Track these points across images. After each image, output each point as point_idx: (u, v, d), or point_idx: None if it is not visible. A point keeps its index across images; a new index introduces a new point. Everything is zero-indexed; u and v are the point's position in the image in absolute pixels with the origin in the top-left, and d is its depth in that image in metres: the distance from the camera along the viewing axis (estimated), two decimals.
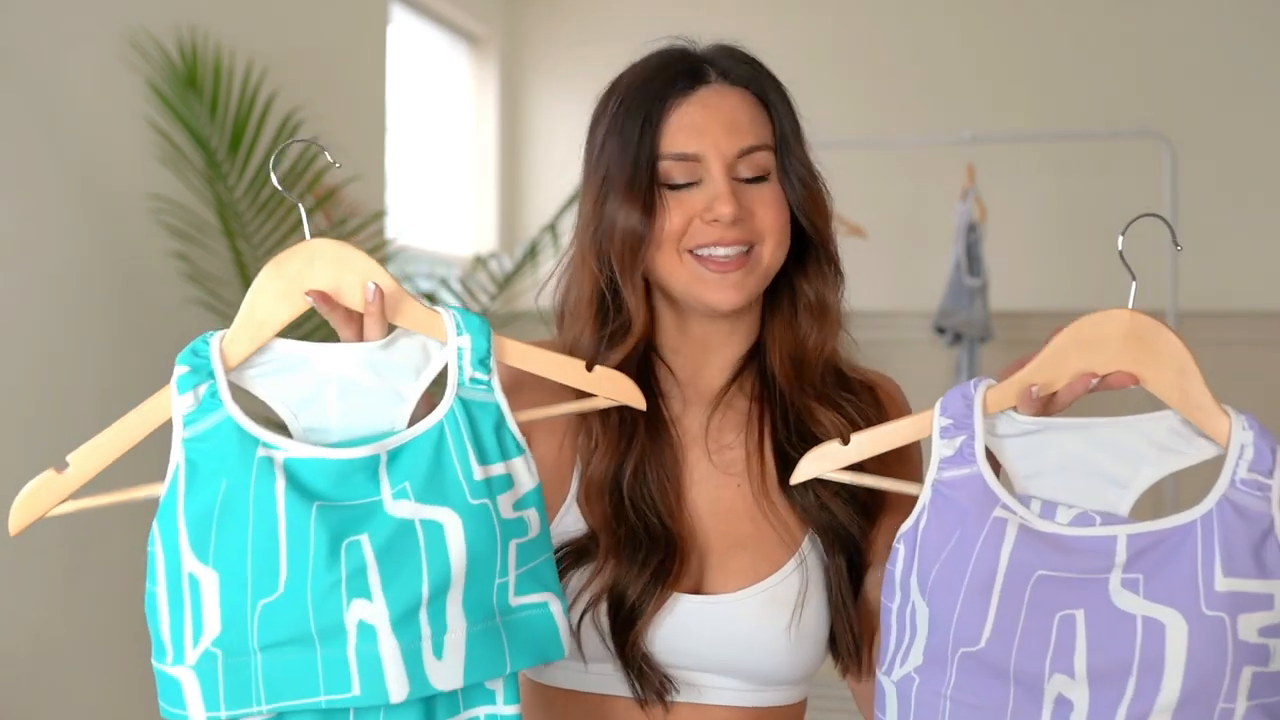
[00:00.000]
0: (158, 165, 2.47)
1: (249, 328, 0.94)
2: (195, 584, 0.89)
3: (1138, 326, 0.95)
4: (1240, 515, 0.89)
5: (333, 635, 0.88)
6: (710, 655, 1.07)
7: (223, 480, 0.89)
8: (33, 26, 2.21)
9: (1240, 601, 0.87)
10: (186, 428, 0.91)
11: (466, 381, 0.95)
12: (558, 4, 4.24)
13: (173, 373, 0.92)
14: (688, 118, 1.07)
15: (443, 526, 0.91)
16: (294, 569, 0.88)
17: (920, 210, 3.76)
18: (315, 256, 0.95)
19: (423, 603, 0.90)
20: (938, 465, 0.97)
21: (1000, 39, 3.81)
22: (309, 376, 0.94)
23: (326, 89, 2.98)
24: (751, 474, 1.12)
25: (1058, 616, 0.90)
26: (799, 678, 1.11)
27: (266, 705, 0.89)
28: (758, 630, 1.06)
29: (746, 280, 1.07)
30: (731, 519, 1.11)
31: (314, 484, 0.90)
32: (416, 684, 0.89)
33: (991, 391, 0.97)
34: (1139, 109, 3.49)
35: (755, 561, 1.09)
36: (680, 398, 1.14)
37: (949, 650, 0.93)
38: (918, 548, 0.96)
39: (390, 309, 0.95)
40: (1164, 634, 0.87)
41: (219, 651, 0.89)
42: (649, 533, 1.07)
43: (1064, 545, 0.92)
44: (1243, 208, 3.56)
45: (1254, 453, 0.91)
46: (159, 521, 0.90)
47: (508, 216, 4.25)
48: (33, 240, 2.21)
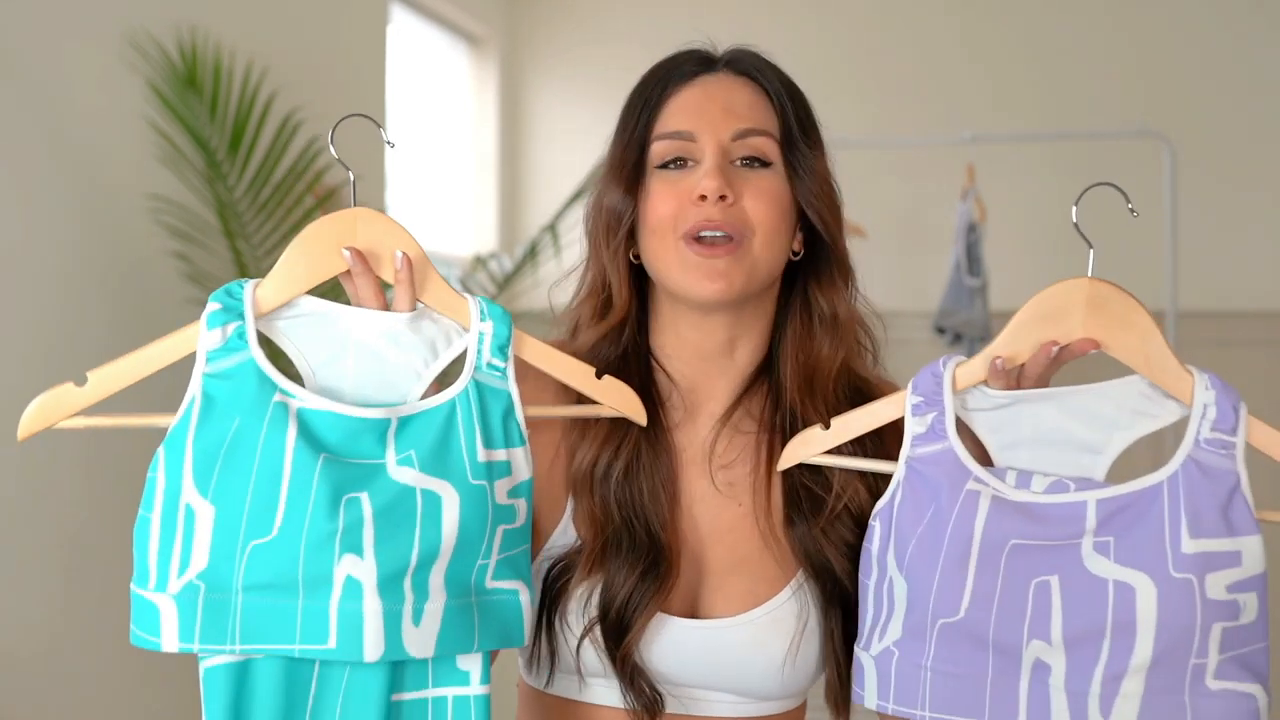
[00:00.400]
0: (157, 165, 2.46)
1: (285, 279, 0.96)
2: (191, 515, 0.89)
3: (1097, 293, 0.97)
4: (1205, 475, 0.91)
5: (318, 586, 0.89)
6: (707, 675, 1.06)
7: (235, 418, 0.90)
8: (33, 26, 2.21)
9: (1208, 561, 0.89)
10: (209, 363, 0.93)
11: (484, 366, 0.98)
12: (558, 4, 4.24)
13: (205, 308, 0.93)
14: (685, 99, 1.06)
15: (440, 499, 0.93)
16: (291, 515, 0.89)
17: (920, 210, 3.76)
18: (358, 220, 0.98)
19: (410, 569, 0.91)
20: (910, 442, 0.98)
21: (1000, 39, 3.81)
22: (333, 336, 0.96)
23: (326, 89, 2.98)
24: (757, 500, 1.09)
25: (1033, 583, 0.92)
26: (795, 693, 1.10)
27: (240, 645, 0.89)
28: (754, 655, 1.05)
29: (733, 270, 1.03)
30: (732, 540, 1.09)
31: (324, 437, 0.92)
32: (391, 647, 0.90)
33: (961, 368, 0.99)
34: (1139, 109, 3.49)
35: (754, 584, 1.07)
36: (681, 406, 1.12)
37: (928, 622, 0.95)
38: (894, 524, 0.97)
39: (419, 283, 0.97)
40: (1134, 597, 0.89)
41: (202, 585, 0.89)
42: (634, 539, 1.05)
43: (1037, 513, 0.93)
44: (1243, 208, 3.56)
45: (1216, 411, 0.92)
46: (165, 448, 0.91)
47: (508, 216, 4.25)
48: (32, 240, 2.21)
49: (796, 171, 1.06)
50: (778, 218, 1.05)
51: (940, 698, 0.95)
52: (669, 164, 1.05)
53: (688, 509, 1.10)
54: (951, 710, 0.94)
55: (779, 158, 1.06)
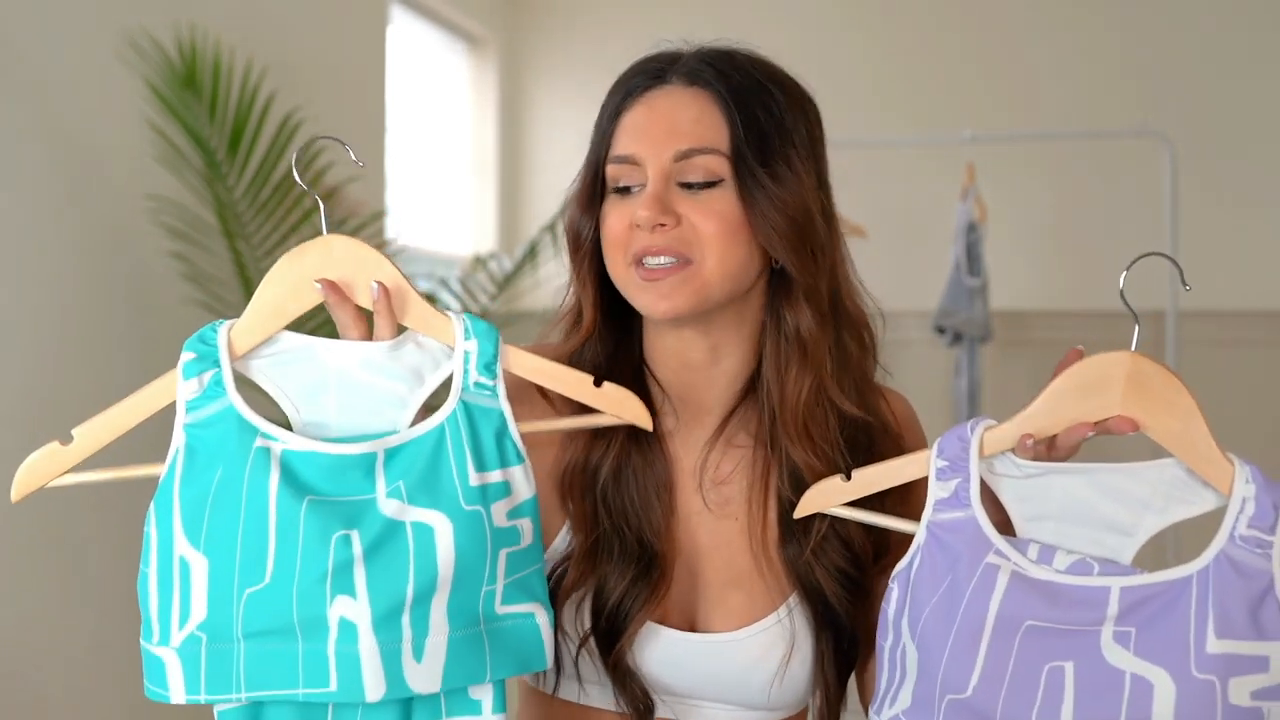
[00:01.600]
0: (156, 165, 2.46)
1: (259, 318, 0.94)
2: (186, 567, 0.89)
3: (1140, 370, 0.92)
4: (1238, 572, 0.87)
5: (314, 629, 0.88)
6: (703, 687, 1.06)
7: (219, 467, 0.90)
8: (31, 26, 2.21)
9: (1232, 664, 0.85)
10: (189, 413, 0.92)
11: (471, 386, 0.95)
12: (558, 4, 4.23)
13: (179, 358, 0.92)
14: (632, 120, 1.03)
15: (433, 529, 0.91)
16: (281, 560, 0.88)
17: (920, 210, 3.75)
18: (330, 250, 0.96)
19: (406, 604, 0.89)
20: (933, 506, 0.95)
21: (1000, 39, 3.81)
22: (313, 370, 0.94)
23: (326, 89, 2.98)
24: (752, 516, 1.08)
25: (1047, 668, 0.88)
26: (789, 705, 1.09)
27: (245, 693, 0.89)
28: (748, 672, 1.05)
29: (677, 291, 1.00)
30: (729, 554, 1.08)
31: (309, 477, 0.91)
32: (393, 685, 0.89)
33: (989, 433, 0.95)
34: (1139, 109, 3.49)
35: (752, 599, 1.06)
36: (673, 414, 1.10)
37: (936, 696, 0.91)
38: (910, 589, 0.94)
39: (398, 308, 0.95)
40: (1152, 694, 0.85)
41: (203, 636, 0.89)
42: (624, 545, 1.04)
43: (1056, 594, 0.90)
44: (1243, 208, 3.56)
45: (1255, 507, 0.88)
46: (156, 503, 0.91)
47: (507, 216, 4.25)
48: (31, 240, 2.21)
49: (748, 187, 1.00)
50: (727, 236, 1.00)
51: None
52: (620, 188, 1.04)
53: (685, 520, 1.09)
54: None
55: (729, 173, 1.00)
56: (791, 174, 1.01)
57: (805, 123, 1.05)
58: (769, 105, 1.02)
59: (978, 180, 3.35)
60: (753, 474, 1.09)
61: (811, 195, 1.03)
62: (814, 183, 1.04)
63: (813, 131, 1.06)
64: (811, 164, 1.04)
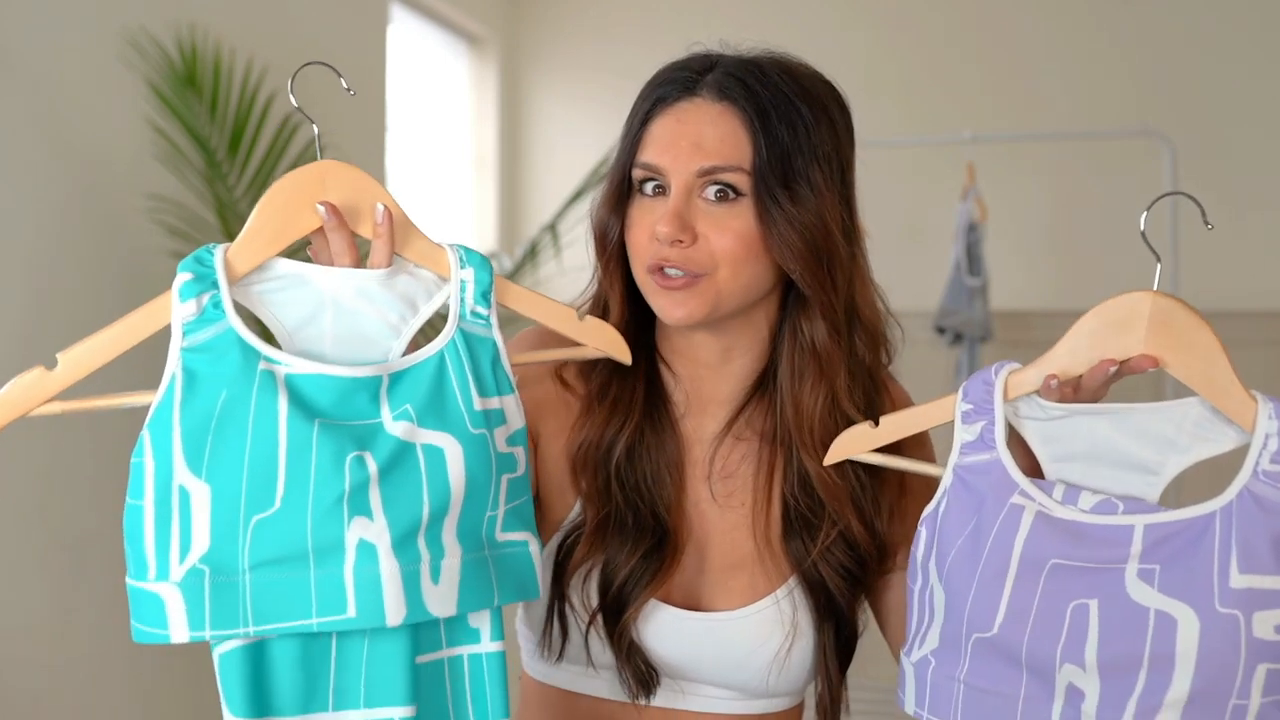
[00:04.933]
0: (157, 165, 2.46)
1: (257, 241, 0.91)
2: (186, 497, 0.85)
3: (1161, 308, 0.93)
4: (1261, 508, 0.87)
5: (330, 554, 0.86)
6: (706, 668, 1.08)
7: (222, 391, 0.86)
8: (32, 26, 2.21)
9: (1256, 598, 0.85)
10: (186, 337, 0.88)
11: (468, 314, 0.96)
12: (558, 4, 4.23)
13: (174, 280, 0.89)
14: (660, 129, 1.05)
15: (443, 451, 0.90)
16: (293, 484, 0.85)
17: (920, 210, 3.76)
18: (328, 174, 0.94)
19: (422, 526, 0.88)
20: (959, 450, 0.96)
21: (1000, 39, 3.81)
22: (308, 297, 0.92)
23: (326, 89, 2.98)
24: (756, 509, 1.11)
25: (1071, 605, 0.89)
26: (786, 693, 1.12)
27: (254, 627, 0.85)
28: (748, 652, 1.07)
29: (692, 301, 1.03)
30: (734, 538, 1.11)
31: (316, 400, 0.88)
32: (413, 608, 0.88)
33: (1013, 376, 0.96)
34: (1139, 109, 3.49)
35: (753, 582, 1.09)
36: (685, 400, 1.13)
37: (963, 635, 0.93)
38: (937, 531, 0.95)
39: (399, 237, 0.95)
40: (1175, 629, 0.86)
41: (206, 568, 0.85)
42: (639, 519, 1.07)
43: (1081, 533, 0.90)
44: (1243, 208, 3.56)
45: (1278, 443, 0.88)
46: (151, 431, 0.86)
47: (508, 216, 4.25)
48: (32, 240, 2.21)
49: (766, 206, 1.02)
50: (743, 250, 1.03)
51: (971, 713, 0.92)
52: (645, 191, 1.06)
53: (693, 505, 1.12)
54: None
55: (750, 189, 1.02)
56: (813, 193, 1.03)
57: (834, 138, 1.06)
58: (795, 123, 1.03)
59: (978, 180, 3.35)
60: (758, 468, 1.11)
61: (832, 212, 1.04)
62: (836, 199, 1.05)
63: (841, 146, 1.07)
64: (836, 180, 1.05)
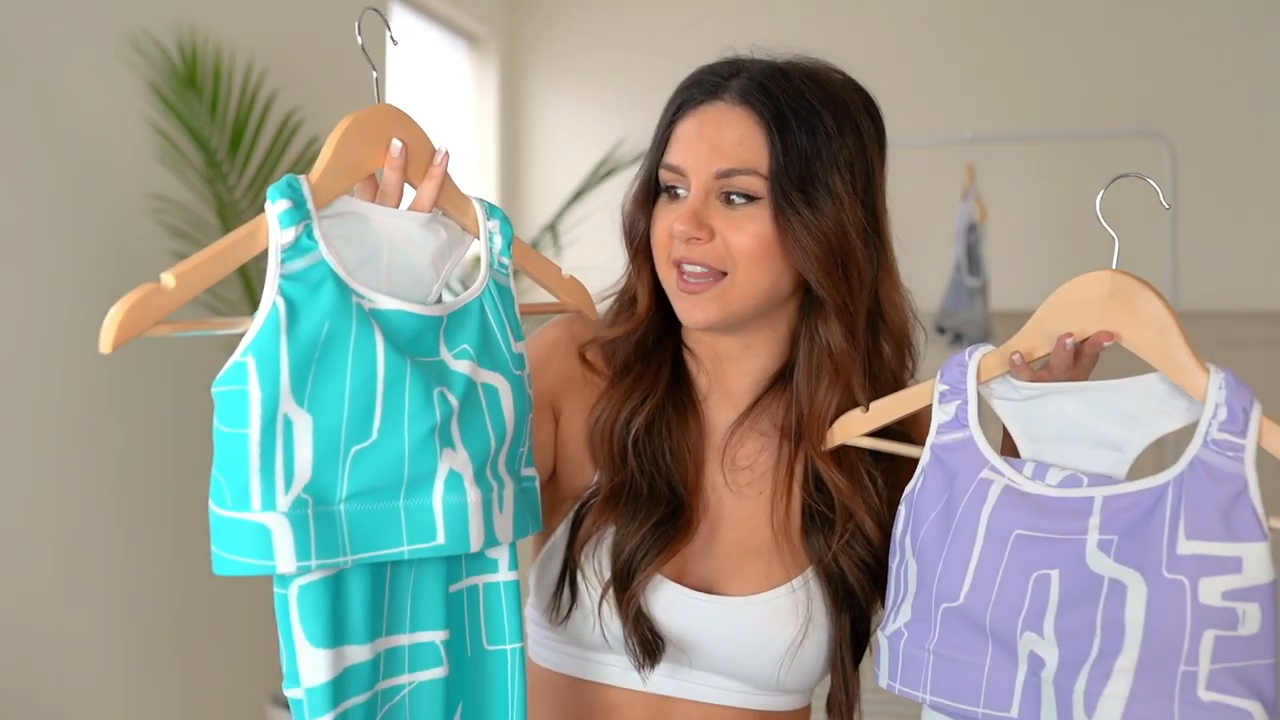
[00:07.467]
0: (158, 165, 2.47)
1: (338, 171, 0.90)
2: (290, 427, 0.84)
3: (1118, 286, 0.96)
4: (1211, 476, 0.89)
5: (420, 484, 0.89)
6: (714, 652, 1.08)
7: (325, 323, 0.86)
8: (33, 26, 2.21)
9: (1203, 565, 0.87)
10: (285, 264, 0.86)
11: (496, 264, 1.01)
12: (558, 4, 4.24)
13: (268, 208, 0.86)
14: (684, 131, 1.08)
15: (498, 390, 0.95)
16: (389, 416, 0.87)
17: (920, 210, 3.75)
18: (389, 117, 0.95)
19: (489, 458, 0.93)
20: (936, 429, 1.00)
21: (1000, 39, 3.81)
22: (369, 235, 0.92)
23: (326, 89, 2.98)
24: (775, 501, 1.12)
25: (1034, 575, 0.92)
26: (795, 690, 1.12)
27: (351, 556, 0.86)
28: (761, 640, 1.07)
29: (711, 303, 1.05)
30: (750, 525, 1.12)
31: (396, 336, 0.90)
32: (488, 535, 0.92)
33: (986, 358, 1.00)
34: (1139, 109, 3.49)
35: (769, 569, 1.10)
36: (707, 384, 1.16)
37: (933, 605, 0.96)
38: (913, 508, 0.99)
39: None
40: (1125, 595, 0.89)
41: (309, 498, 0.85)
42: (654, 489, 1.09)
43: (1045, 506, 0.93)
44: (1243, 208, 3.56)
45: (1226, 412, 0.90)
46: (256, 358, 0.83)
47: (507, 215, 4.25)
48: (33, 240, 2.22)
49: (783, 211, 1.03)
50: (759, 252, 1.04)
51: (940, 682, 0.96)
52: (670, 191, 1.09)
53: (710, 488, 1.13)
54: (950, 696, 0.95)
55: (767, 193, 1.04)
56: (831, 200, 1.04)
57: (859, 144, 1.07)
58: (815, 130, 1.05)
59: (978, 180, 3.35)
60: (778, 461, 1.13)
61: (852, 218, 1.05)
62: (858, 205, 1.06)
63: (866, 153, 1.08)
64: (859, 186, 1.07)
